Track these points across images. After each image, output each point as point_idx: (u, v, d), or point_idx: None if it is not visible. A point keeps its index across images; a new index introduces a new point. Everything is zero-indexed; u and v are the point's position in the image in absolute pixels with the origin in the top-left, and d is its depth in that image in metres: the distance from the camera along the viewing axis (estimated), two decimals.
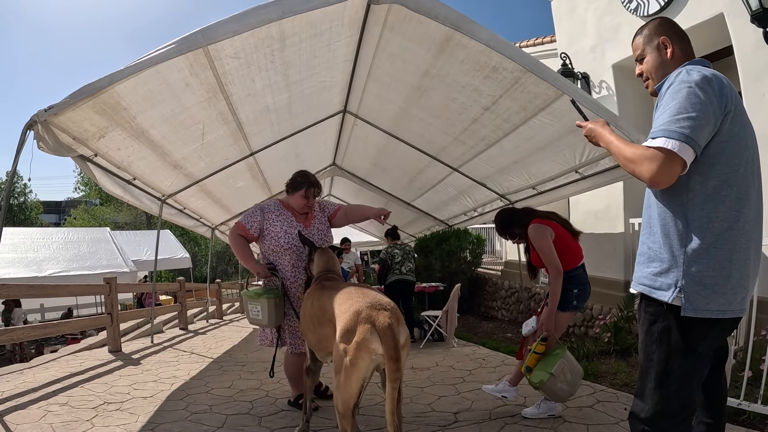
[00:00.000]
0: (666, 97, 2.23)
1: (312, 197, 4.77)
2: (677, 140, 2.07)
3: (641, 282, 2.38)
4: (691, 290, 2.17)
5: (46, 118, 4.37)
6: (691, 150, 2.09)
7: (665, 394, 2.26)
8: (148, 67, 4.18)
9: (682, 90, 2.16)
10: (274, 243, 4.67)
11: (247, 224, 4.71)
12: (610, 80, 8.76)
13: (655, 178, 2.12)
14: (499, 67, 5.37)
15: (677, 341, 2.23)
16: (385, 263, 9.51)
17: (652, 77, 2.54)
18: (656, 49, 2.51)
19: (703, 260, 2.17)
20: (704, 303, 2.16)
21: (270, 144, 8.35)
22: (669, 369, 2.26)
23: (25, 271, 14.38)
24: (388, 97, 7.40)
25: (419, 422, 4.59)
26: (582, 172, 7.02)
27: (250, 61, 5.27)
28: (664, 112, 2.17)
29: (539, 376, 4.31)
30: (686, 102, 2.13)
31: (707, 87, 2.16)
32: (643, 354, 2.38)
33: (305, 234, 4.64)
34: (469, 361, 7.24)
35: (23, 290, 8.77)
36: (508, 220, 4.95)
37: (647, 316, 2.36)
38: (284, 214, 4.78)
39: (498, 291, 12.58)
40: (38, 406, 4.98)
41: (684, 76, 2.22)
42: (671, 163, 2.08)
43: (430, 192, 11.44)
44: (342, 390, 3.10)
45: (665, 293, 2.23)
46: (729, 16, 6.47)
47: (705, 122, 2.11)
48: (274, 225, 4.71)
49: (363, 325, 3.06)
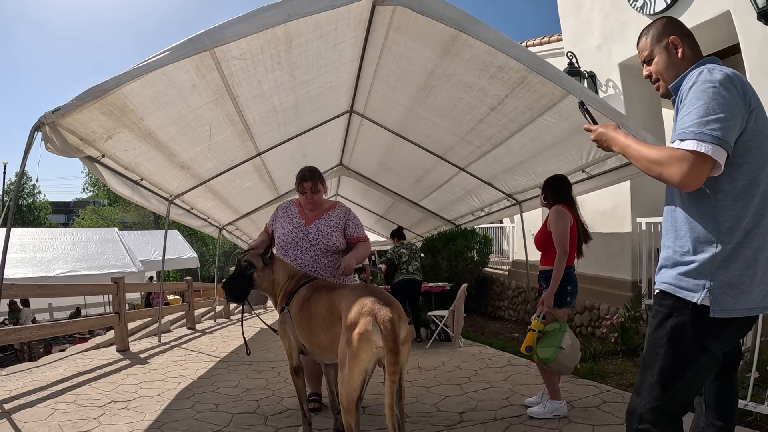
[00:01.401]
0: (690, 97, 2.15)
1: (309, 191, 4.68)
2: (710, 143, 2.01)
3: (665, 281, 2.30)
4: (719, 291, 2.12)
5: (53, 120, 4.40)
6: (723, 152, 2.03)
7: (669, 391, 2.21)
8: (154, 69, 4.19)
9: (708, 90, 2.10)
10: (277, 240, 4.72)
11: (269, 221, 4.97)
12: (617, 79, 8.74)
13: (685, 179, 2.05)
14: (505, 66, 5.36)
15: (691, 338, 2.18)
16: (392, 263, 9.53)
17: (664, 78, 2.47)
18: (665, 49, 2.44)
19: (732, 260, 2.13)
20: (732, 303, 2.11)
21: (277, 144, 8.37)
22: (676, 366, 2.20)
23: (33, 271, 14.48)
24: (394, 97, 7.40)
25: (424, 422, 4.59)
26: (589, 171, 7.01)
27: (256, 62, 5.28)
28: (690, 113, 2.10)
29: (547, 353, 4.38)
30: (713, 102, 2.07)
31: (731, 86, 2.12)
32: (649, 347, 2.32)
33: (301, 231, 4.65)
34: (476, 361, 7.24)
35: (32, 290, 8.83)
36: (552, 185, 4.98)
37: (662, 310, 2.28)
38: (291, 212, 4.80)
39: (505, 291, 12.56)
40: (46, 404, 5.01)
41: (707, 75, 2.16)
42: (702, 164, 2.02)
43: (437, 192, 11.44)
44: (346, 384, 3.15)
45: (694, 294, 2.16)
46: (735, 13, 6.45)
47: (733, 122, 2.07)
48: (278, 222, 4.79)
49: (365, 318, 3.16)
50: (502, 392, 5.49)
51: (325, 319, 3.68)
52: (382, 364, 3.25)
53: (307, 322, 3.86)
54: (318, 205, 4.79)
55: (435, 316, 9.45)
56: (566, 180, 5.06)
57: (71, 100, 4.32)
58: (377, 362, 3.22)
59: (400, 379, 3.23)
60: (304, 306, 3.90)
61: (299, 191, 4.72)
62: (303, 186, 4.67)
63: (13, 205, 5.20)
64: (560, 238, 4.56)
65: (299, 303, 3.95)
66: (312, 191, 4.68)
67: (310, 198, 4.70)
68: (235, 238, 14.33)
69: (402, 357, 3.17)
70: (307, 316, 3.86)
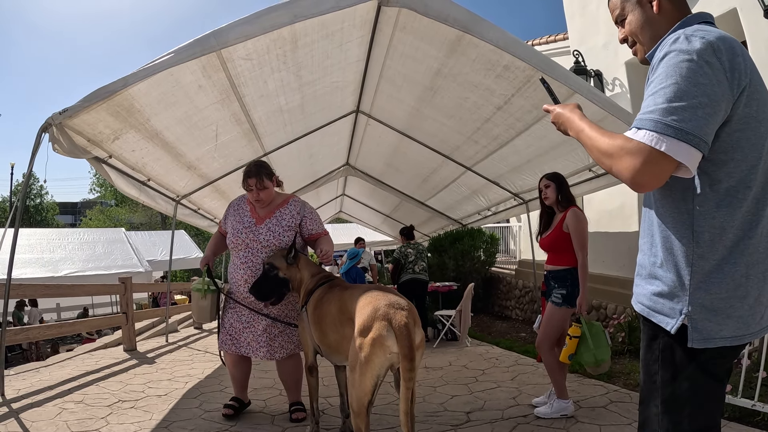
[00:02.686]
0: (659, 71, 1.70)
1: (255, 188, 4.36)
2: (671, 137, 1.58)
3: (641, 301, 1.96)
4: (699, 317, 1.73)
5: (60, 121, 4.43)
6: (693, 149, 1.59)
7: (676, 419, 1.81)
8: (161, 70, 4.21)
9: (682, 64, 1.64)
10: (228, 241, 4.53)
11: (222, 219, 4.72)
12: (623, 77, 8.72)
13: (637, 178, 1.65)
14: (511, 65, 5.35)
15: (682, 359, 1.79)
16: (398, 262, 9.53)
17: (640, 40, 2.02)
18: (638, 3, 1.98)
19: (715, 280, 1.72)
20: (716, 330, 1.73)
21: (283, 144, 8.38)
22: (676, 390, 1.80)
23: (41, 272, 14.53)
24: (400, 97, 7.40)
25: (431, 421, 4.59)
26: (595, 170, 6.98)
27: (262, 63, 5.29)
28: (655, 94, 1.66)
29: (603, 354, 4.45)
30: (686, 82, 1.62)
31: (713, 60, 1.64)
32: (645, 375, 1.95)
33: (251, 231, 4.40)
34: (483, 361, 7.23)
35: (39, 290, 8.87)
36: (564, 184, 4.96)
37: (647, 330, 1.95)
38: (242, 210, 4.55)
39: (512, 290, 12.55)
40: (54, 403, 5.03)
41: (682, 44, 1.68)
42: (661, 162, 1.61)
43: (443, 191, 11.43)
44: (356, 387, 3.12)
45: (669, 320, 1.79)
46: (742, 11, 6.42)
47: (712, 110, 1.61)
48: (229, 221, 4.55)
49: (380, 322, 3.09)
50: (509, 392, 5.49)
51: (335, 319, 3.65)
52: (394, 369, 3.24)
53: (319, 322, 3.86)
54: (268, 202, 4.51)
55: (442, 315, 9.45)
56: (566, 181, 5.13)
57: (78, 101, 4.35)
58: (390, 367, 3.20)
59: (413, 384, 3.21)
60: (318, 306, 3.91)
61: (246, 189, 4.43)
62: (248, 183, 4.37)
63: (21, 206, 5.22)
64: (585, 240, 4.62)
65: (314, 302, 3.96)
66: (258, 188, 4.36)
67: (257, 195, 4.38)
68: None
69: (417, 362, 3.14)
70: (319, 316, 3.86)
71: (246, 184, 4.38)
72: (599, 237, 8.15)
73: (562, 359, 4.54)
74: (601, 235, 8.45)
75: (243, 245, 4.37)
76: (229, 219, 4.55)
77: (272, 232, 4.37)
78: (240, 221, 4.43)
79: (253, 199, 4.43)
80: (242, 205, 4.56)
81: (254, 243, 4.36)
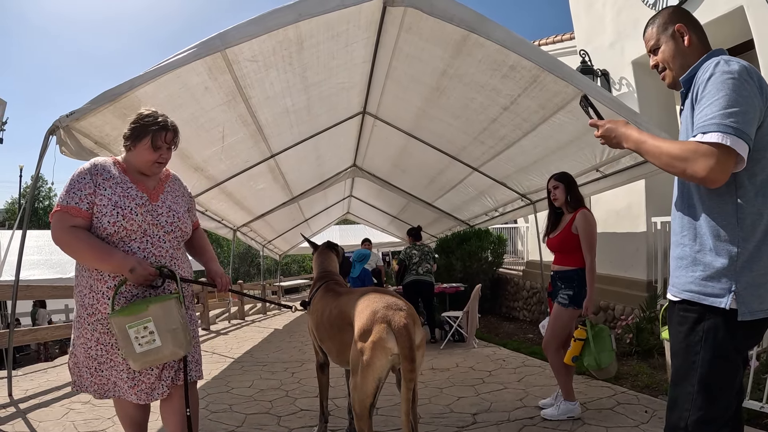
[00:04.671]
0: (709, 88, 2.05)
1: (165, 148, 3.08)
2: (733, 135, 1.93)
3: (687, 289, 2.17)
4: (746, 293, 2.01)
5: (68, 123, 4.45)
6: (746, 145, 1.95)
7: (711, 398, 2.06)
8: (167, 72, 4.24)
9: (727, 81, 2.01)
10: (105, 229, 2.84)
11: (74, 201, 2.82)
12: (630, 77, 8.67)
13: (711, 175, 1.95)
14: (517, 65, 5.35)
15: (724, 341, 2.05)
16: (403, 263, 9.54)
17: (670, 67, 2.38)
18: (672, 37, 2.36)
19: (756, 259, 2.03)
20: (758, 304, 2.02)
21: (290, 146, 8.40)
22: (714, 371, 2.06)
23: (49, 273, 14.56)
24: (406, 97, 7.41)
25: (437, 423, 4.58)
26: (603, 170, 6.97)
27: (268, 64, 5.31)
28: (711, 105, 2.01)
29: (606, 359, 4.44)
30: (734, 94, 1.98)
31: (749, 78, 2.03)
32: (682, 357, 2.17)
33: (147, 211, 2.96)
34: (490, 362, 7.21)
35: (48, 291, 8.90)
36: (573, 184, 4.88)
37: (690, 315, 2.15)
38: (120, 179, 2.96)
39: (519, 291, 12.52)
40: (61, 404, 5.05)
41: (725, 66, 2.06)
42: (728, 158, 1.94)
43: (450, 192, 11.44)
44: (358, 390, 3.11)
45: (720, 299, 2.04)
46: (749, 9, 6.38)
47: (753, 116, 1.99)
48: (102, 196, 2.86)
49: (379, 325, 3.09)
50: (516, 393, 5.47)
51: (334, 325, 3.62)
52: (395, 370, 3.23)
53: (317, 327, 3.87)
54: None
55: (449, 316, 9.43)
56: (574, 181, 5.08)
57: (85, 103, 4.38)
58: (391, 368, 3.20)
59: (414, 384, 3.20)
60: (316, 309, 3.92)
61: (151, 147, 3.01)
62: (163, 138, 3.04)
63: (29, 208, 5.24)
64: (594, 242, 4.59)
65: (314, 305, 3.97)
66: (170, 148, 3.14)
67: (164, 158, 3.11)
68: (249, 240, 14.38)
69: (417, 363, 3.14)
70: (318, 320, 3.86)
71: (158, 139, 3.02)
72: (607, 237, 8.12)
73: (566, 361, 4.53)
74: (609, 235, 8.42)
75: (140, 231, 2.93)
76: (100, 193, 2.86)
77: (174, 213, 3.10)
78: (126, 196, 2.92)
79: (154, 162, 3.06)
80: (115, 173, 2.98)
81: (154, 228, 2.99)
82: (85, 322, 2.92)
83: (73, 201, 2.84)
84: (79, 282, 3.00)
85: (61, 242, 2.85)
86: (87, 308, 2.91)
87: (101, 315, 2.87)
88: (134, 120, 3.06)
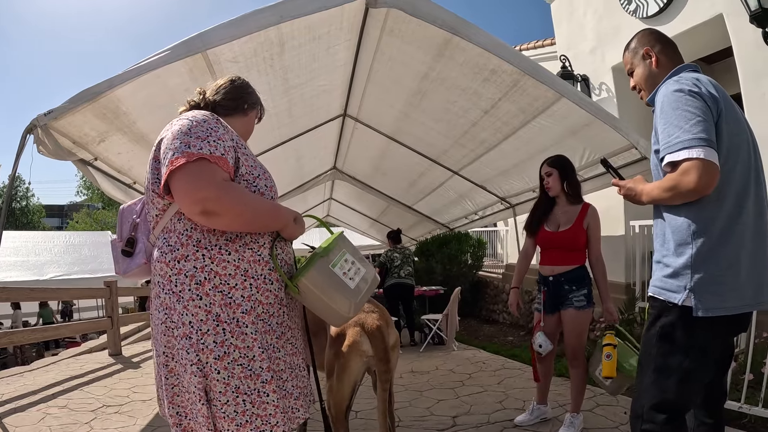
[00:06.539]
0: (665, 109, 2.27)
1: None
2: (699, 147, 2.11)
3: (653, 284, 2.40)
4: (701, 290, 2.19)
5: (46, 122, 4.38)
6: (713, 150, 2.12)
7: (663, 387, 2.28)
8: (147, 72, 4.18)
9: (680, 99, 2.22)
10: (263, 186, 2.28)
11: (219, 151, 2.10)
12: (610, 82, 8.75)
13: (698, 186, 2.12)
14: (498, 69, 5.37)
15: (680, 337, 2.25)
16: (384, 267, 9.54)
17: (644, 88, 2.62)
18: (642, 60, 2.60)
19: (711, 260, 2.20)
20: (716, 302, 2.19)
21: (270, 148, 8.35)
22: (669, 363, 2.28)
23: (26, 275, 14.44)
24: (387, 100, 7.40)
25: (417, 426, 4.59)
26: (582, 174, 7.00)
27: (249, 66, 5.27)
28: (670, 124, 2.21)
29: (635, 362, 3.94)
30: (685, 109, 2.19)
31: (698, 90, 2.23)
32: (644, 349, 2.42)
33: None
34: (470, 365, 7.23)
35: (24, 293, 8.81)
36: (568, 169, 4.51)
37: (653, 312, 2.39)
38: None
39: (499, 294, 12.55)
40: (37, 408, 4.99)
41: (673, 85, 2.30)
42: (705, 165, 2.10)
43: (430, 195, 11.44)
44: (334, 394, 3.12)
45: (675, 295, 2.25)
46: (728, 16, 6.47)
47: (709, 124, 2.16)
48: (246, 154, 2.30)
49: (353, 328, 3.11)
50: (496, 396, 5.49)
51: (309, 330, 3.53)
52: (371, 372, 3.24)
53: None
54: None
55: (429, 319, 9.45)
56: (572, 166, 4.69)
57: (64, 102, 4.31)
58: (366, 370, 3.21)
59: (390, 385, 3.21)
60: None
61: (258, 119, 2.97)
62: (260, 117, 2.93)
63: (5, 208, 5.17)
64: (600, 242, 4.38)
65: None
66: None
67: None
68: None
69: (392, 364, 3.15)
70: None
71: (261, 112, 2.95)
72: None
73: (608, 374, 3.87)
74: None
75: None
76: (240, 150, 2.27)
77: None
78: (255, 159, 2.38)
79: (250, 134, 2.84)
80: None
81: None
82: (240, 329, 2.10)
83: (219, 151, 2.09)
84: (221, 275, 2.11)
85: (234, 199, 2.06)
86: (241, 305, 2.11)
87: (264, 307, 2.17)
88: (246, 84, 2.78)
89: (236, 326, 2.08)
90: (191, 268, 2.08)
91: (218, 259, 2.10)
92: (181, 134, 2.09)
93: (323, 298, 2.24)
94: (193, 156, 2.00)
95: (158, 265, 2.14)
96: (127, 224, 2.49)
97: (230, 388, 2.05)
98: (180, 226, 2.15)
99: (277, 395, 2.12)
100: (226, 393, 2.05)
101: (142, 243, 2.38)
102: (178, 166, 1.99)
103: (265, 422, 2.09)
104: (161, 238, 2.19)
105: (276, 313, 2.22)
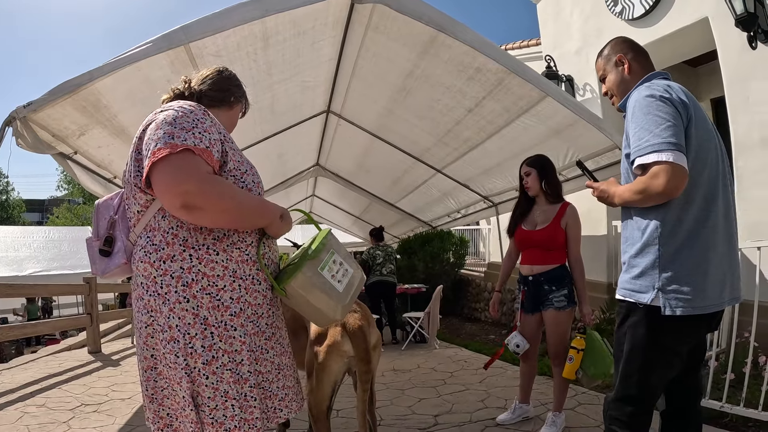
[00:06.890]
0: (636, 113, 2.34)
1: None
2: (668, 151, 2.17)
3: (622, 287, 2.46)
4: (668, 290, 2.26)
5: (25, 115, 4.31)
6: (682, 155, 2.18)
7: (629, 382, 2.40)
8: (128, 64, 4.12)
9: (651, 104, 2.29)
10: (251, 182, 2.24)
11: (203, 143, 2.02)
12: (594, 83, 8.77)
13: (667, 189, 2.18)
14: (483, 68, 5.37)
15: (646, 335, 2.34)
16: (366, 264, 9.52)
17: (615, 94, 2.71)
18: (615, 66, 2.68)
19: (678, 261, 2.27)
20: (683, 301, 2.24)
21: (252, 144, 8.29)
22: (635, 360, 2.38)
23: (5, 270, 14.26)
24: (372, 97, 7.38)
25: (399, 425, 4.57)
26: (565, 174, 7.02)
27: (232, 60, 5.22)
28: (641, 128, 2.28)
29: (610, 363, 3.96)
30: (656, 114, 2.26)
31: (669, 96, 2.30)
32: (616, 348, 2.52)
33: None
34: (451, 363, 7.23)
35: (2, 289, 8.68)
36: (547, 169, 4.49)
37: (621, 311, 2.47)
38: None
39: (481, 293, 12.59)
40: (15, 407, 4.93)
41: (645, 91, 2.37)
42: (674, 169, 2.16)
43: (413, 193, 11.43)
44: (315, 393, 3.10)
45: (644, 295, 2.32)
46: (714, 20, 6.51)
47: (679, 129, 2.23)
48: (233, 149, 2.24)
49: (334, 328, 3.09)
50: (478, 394, 5.49)
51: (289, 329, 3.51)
52: (351, 372, 3.22)
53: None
54: None
55: (410, 317, 9.44)
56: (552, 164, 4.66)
57: (43, 94, 4.24)
58: (347, 370, 3.18)
59: (371, 384, 3.19)
60: None
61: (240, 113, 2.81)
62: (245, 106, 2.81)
63: None
64: (580, 243, 4.37)
65: None
66: None
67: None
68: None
69: (373, 364, 3.13)
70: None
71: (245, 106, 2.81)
72: None
73: (568, 375, 4.09)
74: None
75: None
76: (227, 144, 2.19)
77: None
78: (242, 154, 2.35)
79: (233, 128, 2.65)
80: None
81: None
82: (228, 333, 2.05)
83: (203, 143, 2.00)
84: (209, 277, 2.05)
85: (218, 193, 1.99)
86: (230, 308, 2.07)
87: (253, 308, 2.13)
88: (233, 76, 2.60)
89: (224, 330, 2.03)
90: (178, 269, 2.00)
91: (206, 260, 2.04)
92: (165, 124, 2.01)
93: (311, 301, 2.21)
94: (177, 147, 1.92)
95: (141, 266, 2.06)
96: (104, 221, 2.36)
97: (219, 393, 2.01)
98: (164, 223, 2.07)
99: (259, 397, 2.10)
100: (215, 398, 2.01)
101: (121, 242, 2.26)
102: (160, 158, 1.91)
103: (252, 426, 2.07)
104: (144, 237, 2.10)
105: (265, 314, 2.19)
